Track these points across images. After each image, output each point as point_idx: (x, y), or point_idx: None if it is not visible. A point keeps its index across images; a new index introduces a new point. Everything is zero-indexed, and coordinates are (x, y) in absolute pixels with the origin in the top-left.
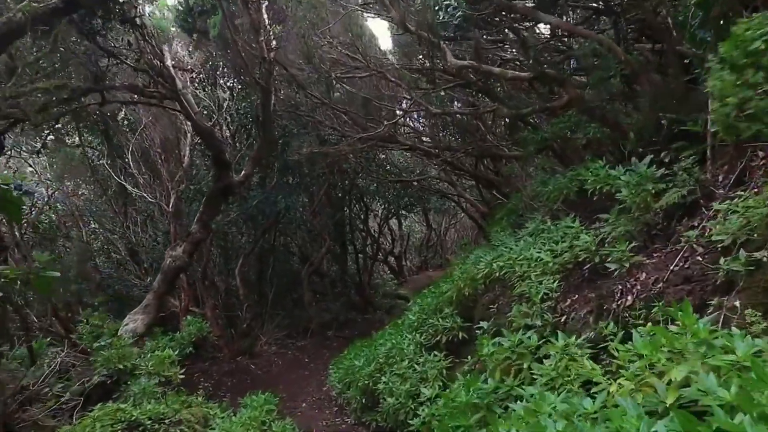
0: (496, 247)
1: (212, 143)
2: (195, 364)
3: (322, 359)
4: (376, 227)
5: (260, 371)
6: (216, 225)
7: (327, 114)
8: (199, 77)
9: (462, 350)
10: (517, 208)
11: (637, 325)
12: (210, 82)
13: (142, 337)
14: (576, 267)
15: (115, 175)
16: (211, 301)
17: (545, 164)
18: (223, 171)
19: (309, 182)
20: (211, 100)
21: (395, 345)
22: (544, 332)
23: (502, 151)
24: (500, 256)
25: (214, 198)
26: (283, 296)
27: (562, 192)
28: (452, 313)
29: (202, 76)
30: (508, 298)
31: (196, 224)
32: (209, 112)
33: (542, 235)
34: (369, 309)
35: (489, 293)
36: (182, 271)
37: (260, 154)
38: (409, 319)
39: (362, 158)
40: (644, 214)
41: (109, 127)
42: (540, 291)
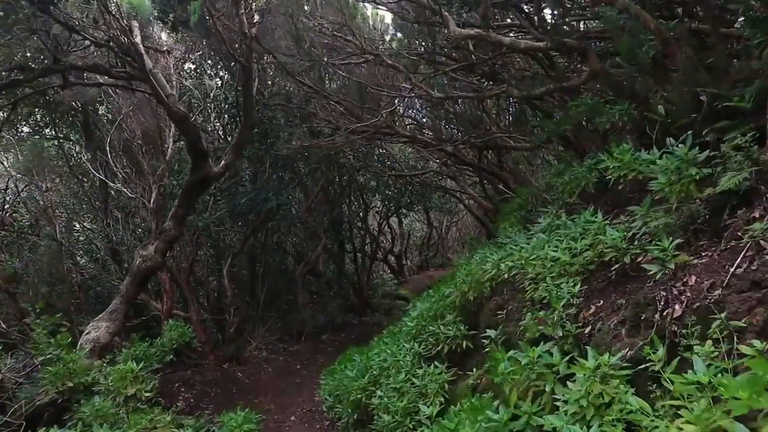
0: (504, 245)
1: (187, 129)
2: (176, 373)
3: (316, 365)
4: (376, 225)
5: (248, 379)
6: (203, 222)
7: (320, 104)
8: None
9: (466, 361)
10: (526, 202)
11: (690, 344)
12: (197, 72)
13: (105, 347)
14: (600, 268)
15: (94, 170)
16: (196, 303)
17: (558, 154)
18: (200, 160)
19: (304, 178)
20: (199, 91)
21: (391, 354)
22: (564, 345)
23: (508, 143)
24: (509, 256)
25: (191, 191)
26: (276, 298)
27: (579, 183)
28: (455, 320)
29: (190, 66)
30: (518, 303)
31: (170, 220)
32: (198, 103)
33: (558, 232)
34: (367, 311)
35: (496, 297)
36: (154, 272)
37: (242, 141)
38: (406, 326)
39: (360, 153)
40: (686, 205)
41: (88, 118)
42: (562, 296)
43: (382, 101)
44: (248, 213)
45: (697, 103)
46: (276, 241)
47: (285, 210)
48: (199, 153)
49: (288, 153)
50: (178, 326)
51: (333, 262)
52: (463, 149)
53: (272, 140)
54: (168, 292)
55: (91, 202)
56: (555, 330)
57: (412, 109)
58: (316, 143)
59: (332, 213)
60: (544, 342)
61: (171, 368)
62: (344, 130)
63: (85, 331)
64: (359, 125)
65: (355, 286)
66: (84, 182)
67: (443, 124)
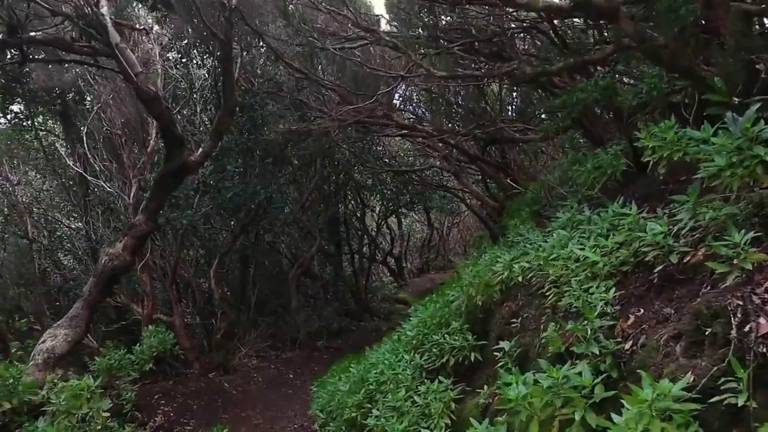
0: (516, 243)
1: (159, 112)
2: (156, 384)
3: (310, 374)
4: (374, 226)
5: (235, 390)
6: (188, 219)
7: (312, 92)
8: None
9: (474, 376)
10: (537, 197)
11: None
12: (183, 62)
13: (62, 358)
14: (637, 269)
15: (72, 163)
16: (180, 307)
17: (573, 144)
18: (175, 148)
19: (297, 174)
20: (185, 81)
21: (390, 366)
22: (600, 365)
23: (514, 135)
24: (523, 255)
25: (165, 182)
26: (268, 301)
27: (604, 173)
28: (461, 328)
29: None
30: (536, 310)
31: (142, 214)
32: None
33: (581, 228)
34: (365, 315)
35: (509, 303)
36: (122, 272)
37: (221, 126)
38: (406, 335)
39: (356, 148)
40: (753, 192)
41: (67, 108)
42: (595, 303)
43: (380, 88)
44: (236, 209)
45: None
46: (268, 241)
47: (276, 206)
48: (174, 139)
49: (277, 139)
50: (159, 332)
51: (329, 263)
52: (465, 143)
53: (261, 130)
54: (149, 295)
55: (70, 197)
56: (588, 346)
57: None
58: (306, 126)
59: (328, 212)
60: (571, 359)
61: (151, 378)
62: (337, 114)
63: (41, 339)
64: (354, 107)
65: (352, 290)
66: (62, 176)
67: (443, 119)
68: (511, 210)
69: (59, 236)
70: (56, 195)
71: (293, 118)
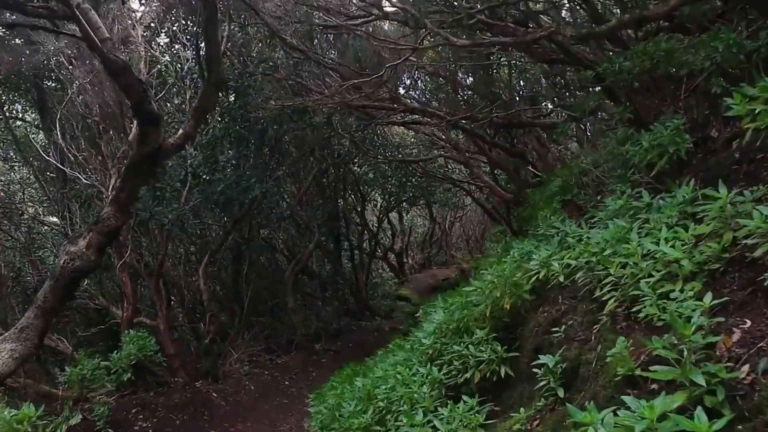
0: (548, 237)
1: (129, 85)
2: (136, 395)
3: (307, 381)
4: (375, 220)
5: (224, 401)
6: (175, 214)
7: (312, 75)
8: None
9: (503, 394)
10: (568, 185)
11: None
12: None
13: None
14: (732, 268)
15: (47, 152)
16: (165, 309)
17: (623, 118)
18: (149, 128)
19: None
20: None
21: (403, 382)
22: (705, 398)
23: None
24: (565, 250)
25: (137, 169)
26: (263, 301)
27: (665, 151)
28: (487, 337)
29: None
30: (585, 317)
31: (110, 206)
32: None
33: (641, 216)
34: (366, 314)
35: (548, 308)
36: (84, 274)
37: (205, 103)
38: (421, 344)
39: (357, 137)
40: None
41: (43, 93)
42: (687, 312)
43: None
44: (228, 204)
45: None
46: (264, 236)
47: (272, 201)
48: (148, 118)
49: (271, 123)
50: (139, 337)
51: (328, 260)
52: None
53: (257, 117)
54: (128, 296)
55: (44, 190)
56: (687, 371)
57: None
58: (303, 103)
59: (326, 206)
60: (646, 385)
61: (129, 389)
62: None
63: None
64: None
65: (352, 287)
66: (38, 168)
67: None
68: (533, 200)
69: (37, 233)
70: (31, 188)
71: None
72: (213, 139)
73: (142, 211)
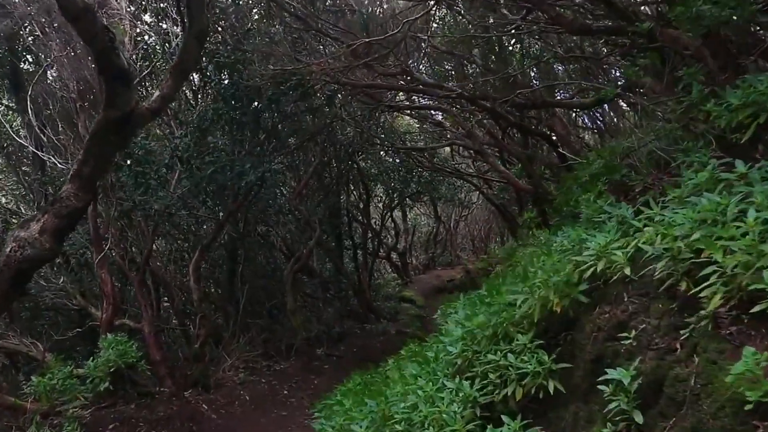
0: (600, 223)
1: (91, 33)
2: (115, 408)
3: (309, 390)
4: (378, 218)
5: (216, 413)
6: (160, 203)
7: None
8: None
9: (551, 414)
10: (612, 165)
11: None
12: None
13: None
14: None
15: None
16: (150, 311)
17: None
18: (117, 88)
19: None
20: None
21: (427, 399)
22: None
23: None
24: (627, 237)
25: (104, 138)
26: (260, 302)
27: (762, 108)
28: (531, 345)
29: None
30: (663, 319)
31: (71, 183)
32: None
33: (741, 189)
34: (370, 316)
35: (607, 308)
36: (37, 265)
37: (186, 56)
38: (447, 353)
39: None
40: None
41: (17, 68)
42: None
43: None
44: (220, 191)
45: None
46: (261, 232)
47: (269, 190)
48: (115, 73)
49: (264, 83)
50: (119, 342)
51: (329, 258)
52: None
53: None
54: (108, 296)
55: (18, 177)
56: None
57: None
58: (301, 67)
59: (328, 201)
60: None
61: (108, 400)
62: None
63: None
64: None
65: (355, 288)
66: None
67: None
68: (566, 185)
69: None
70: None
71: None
72: (205, 121)
73: (124, 200)
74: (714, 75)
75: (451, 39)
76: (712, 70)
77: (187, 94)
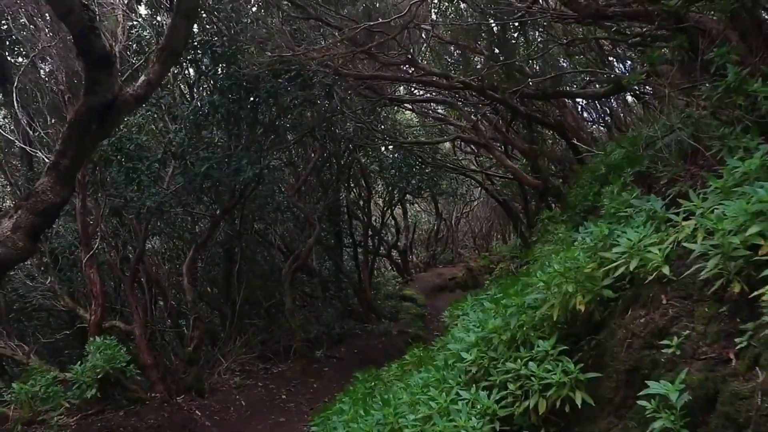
0: (627, 218)
1: (68, 10)
2: (101, 415)
3: (308, 394)
4: (378, 215)
5: (210, 420)
6: (153, 201)
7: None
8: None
9: (580, 430)
10: (634, 155)
11: None
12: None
13: None
14: None
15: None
16: (141, 312)
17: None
18: (98, 72)
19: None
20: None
21: (440, 410)
22: None
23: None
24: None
25: (83, 127)
26: (257, 302)
27: None
28: (553, 352)
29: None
30: (711, 325)
31: (47, 176)
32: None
33: None
34: (371, 316)
35: (642, 311)
36: (10, 265)
37: (174, 37)
38: (459, 358)
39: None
40: None
41: (5, 63)
42: None
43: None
44: (215, 188)
45: None
46: (258, 230)
47: (266, 189)
48: (96, 56)
49: (257, 73)
50: (107, 346)
51: (329, 257)
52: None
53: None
54: (97, 297)
55: (6, 175)
56: None
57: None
58: (299, 54)
59: (327, 198)
60: None
61: (95, 407)
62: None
63: None
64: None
65: (356, 287)
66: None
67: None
68: (581, 179)
69: None
70: None
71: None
72: (198, 117)
73: (115, 197)
74: (743, 58)
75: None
76: (742, 52)
77: (182, 87)
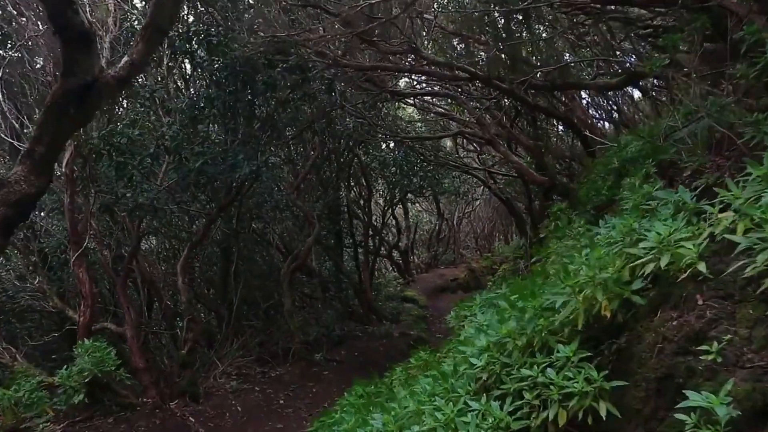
0: (654, 211)
1: None
2: (90, 421)
3: (307, 399)
4: (379, 215)
5: (204, 426)
6: (146, 198)
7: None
8: None
9: None
10: (655, 146)
11: None
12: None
13: None
14: None
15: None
16: (133, 313)
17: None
18: (76, 51)
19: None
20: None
21: (447, 422)
22: None
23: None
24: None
25: (60, 109)
26: (255, 303)
27: None
28: (574, 359)
29: None
30: (757, 329)
31: (21, 164)
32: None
33: None
34: (372, 318)
35: (673, 313)
36: None
37: (159, 15)
38: (468, 364)
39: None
40: None
41: None
42: None
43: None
44: (210, 184)
45: None
46: (256, 229)
47: (264, 186)
48: (73, 34)
49: (253, 55)
50: (96, 348)
51: (329, 257)
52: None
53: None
54: (86, 297)
55: None
56: None
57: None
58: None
59: (327, 197)
60: None
61: (84, 413)
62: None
63: None
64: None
65: (356, 287)
66: None
67: None
68: (594, 172)
69: None
70: None
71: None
72: (193, 110)
73: (106, 193)
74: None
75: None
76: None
77: (177, 81)
